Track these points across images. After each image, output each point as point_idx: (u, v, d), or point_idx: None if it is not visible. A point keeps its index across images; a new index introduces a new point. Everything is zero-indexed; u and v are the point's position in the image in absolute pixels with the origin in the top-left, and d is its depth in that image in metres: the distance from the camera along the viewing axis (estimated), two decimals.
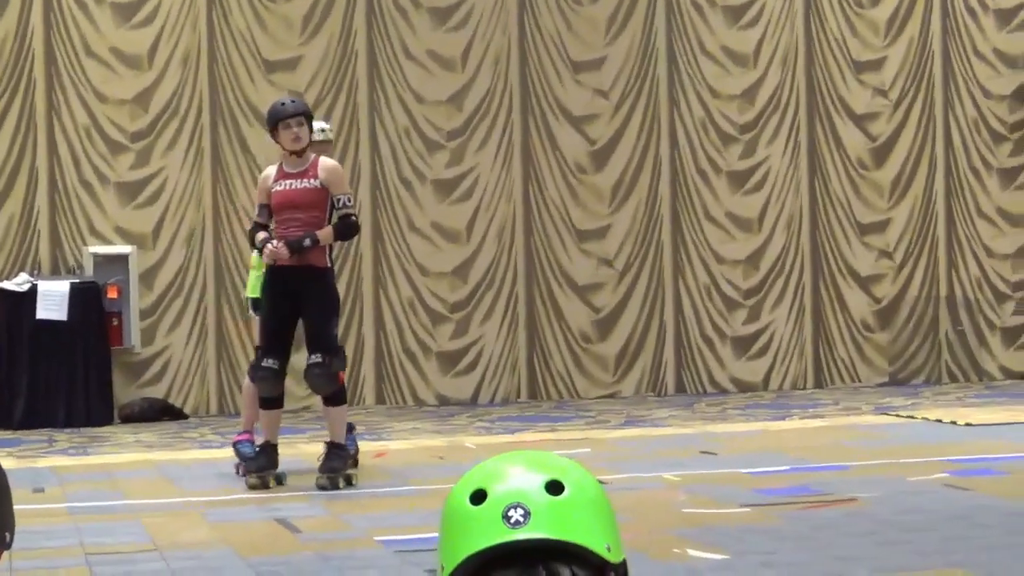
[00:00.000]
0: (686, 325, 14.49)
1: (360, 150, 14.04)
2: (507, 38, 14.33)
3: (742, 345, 14.69)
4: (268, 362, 9.13)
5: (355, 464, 9.61)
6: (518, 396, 14.30)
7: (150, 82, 13.71)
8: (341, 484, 9.15)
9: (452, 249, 14.20)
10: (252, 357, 10.01)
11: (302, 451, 10.76)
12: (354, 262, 13.99)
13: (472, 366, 14.22)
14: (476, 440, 11.47)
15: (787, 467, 9.55)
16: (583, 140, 14.29)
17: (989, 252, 15.17)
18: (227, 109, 13.80)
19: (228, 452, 11.03)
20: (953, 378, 15.05)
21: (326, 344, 9.11)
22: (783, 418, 12.48)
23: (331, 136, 10.13)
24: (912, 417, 12.13)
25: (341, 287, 13.92)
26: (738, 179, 14.67)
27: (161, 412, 13.43)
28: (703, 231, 14.59)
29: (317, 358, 9.08)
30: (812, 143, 14.85)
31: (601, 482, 2.17)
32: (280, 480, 9.31)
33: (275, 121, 9.21)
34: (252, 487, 9.14)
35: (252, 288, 9.91)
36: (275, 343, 9.18)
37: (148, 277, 13.67)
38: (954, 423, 11.61)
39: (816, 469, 9.44)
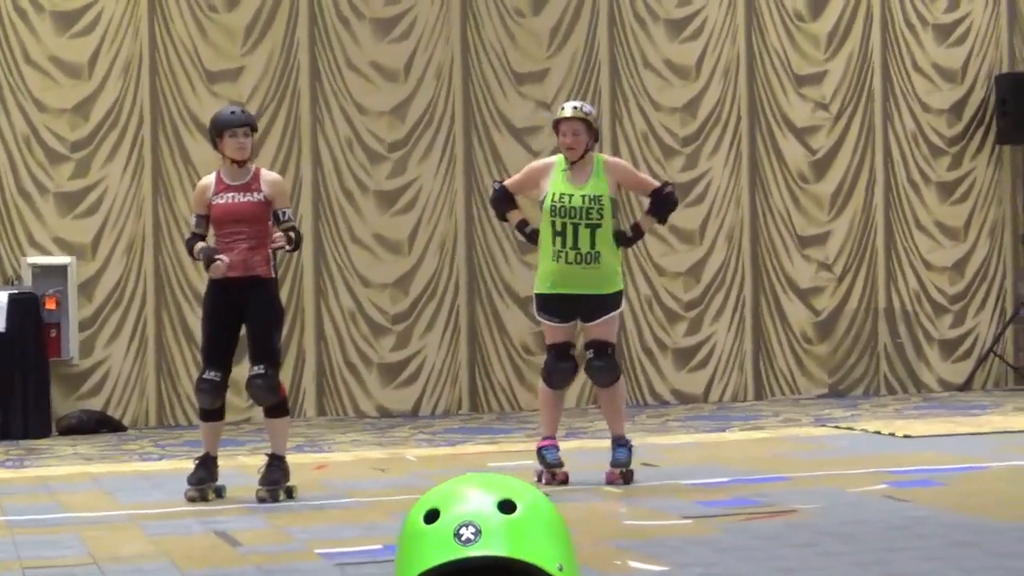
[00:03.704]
0: (627, 337, 14.52)
1: (302, 161, 14.00)
2: (450, 49, 14.34)
3: (683, 357, 14.74)
4: (210, 374, 9.09)
5: (627, 478, 9.46)
6: (459, 408, 14.29)
7: (90, 91, 13.63)
8: (281, 496, 9.12)
9: (394, 260, 14.18)
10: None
11: (242, 463, 10.71)
12: (295, 273, 13.94)
13: (413, 378, 14.20)
14: (417, 452, 11.46)
15: (728, 479, 9.58)
16: (525, 152, 14.29)
17: (927, 265, 15.29)
18: (168, 119, 13.74)
19: (167, 464, 10.99)
20: (892, 390, 15.15)
21: (269, 355, 9.08)
22: (724, 430, 12.52)
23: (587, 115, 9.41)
24: (851, 429, 12.20)
25: (282, 298, 13.89)
26: (679, 191, 14.68)
27: (99, 424, 13.34)
28: (645, 243, 14.61)
29: (260, 369, 9.04)
30: (753, 156, 14.92)
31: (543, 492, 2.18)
32: (219, 493, 9.26)
33: (221, 129, 9.15)
34: (191, 500, 9.10)
35: (538, 282, 9.49)
36: (217, 355, 9.14)
37: (87, 288, 13.58)
38: (893, 435, 11.69)
39: (757, 481, 9.47)
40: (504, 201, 9.71)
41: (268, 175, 9.28)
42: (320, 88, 14.07)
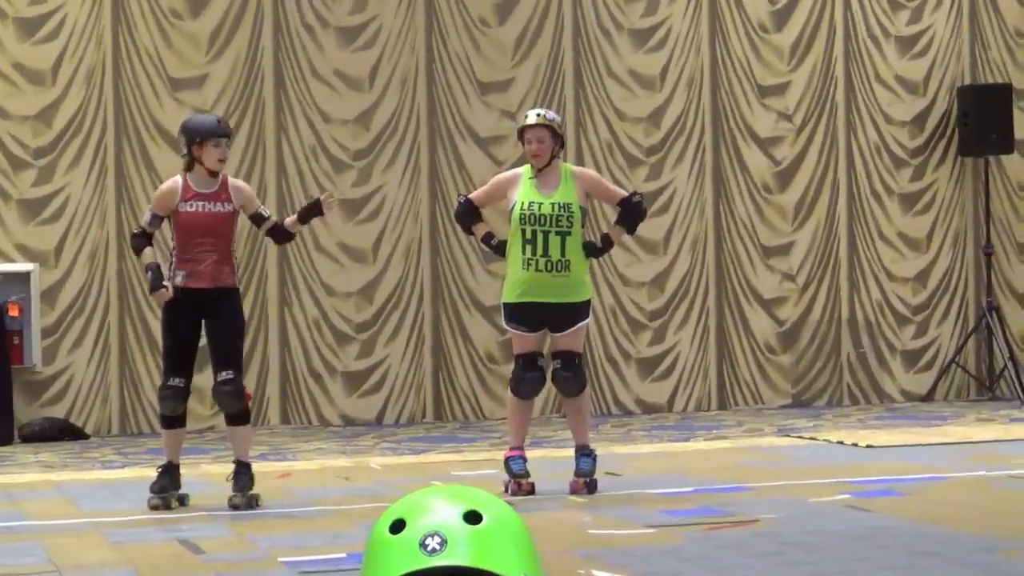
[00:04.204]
0: (591, 346, 14.54)
1: (266, 169, 13.98)
2: (415, 58, 14.34)
3: (647, 366, 14.77)
4: (174, 381, 9.09)
5: (591, 487, 9.45)
6: (423, 416, 14.29)
7: (54, 98, 13.58)
8: (254, 502, 9.13)
9: (358, 269, 14.17)
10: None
11: (205, 471, 10.69)
12: (259, 282, 13.92)
13: (378, 386, 14.19)
14: (381, 461, 11.45)
15: (691, 488, 9.60)
16: (490, 161, 14.31)
17: (890, 275, 15.35)
18: (132, 126, 13.71)
19: (130, 472, 10.96)
20: (854, 400, 15.21)
21: (236, 362, 9.10)
22: (687, 439, 12.55)
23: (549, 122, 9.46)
24: (814, 439, 12.25)
25: (247, 307, 13.86)
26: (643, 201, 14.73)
27: (62, 432, 13.29)
28: (610, 253, 14.63)
29: (228, 375, 9.04)
30: (717, 166, 14.97)
31: (508, 504, 2.20)
32: (182, 501, 9.24)
33: (205, 136, 9.09)
34: (154, 508, 9.07)
35: (507, 291, 9.49)
36: (180, 362, 9.14)
37: (50, 295, 13.53)
38: (855, 445, 11.73)
39: (720, 490, 9.50)
40: (469, 215, 9.72)
41: (235, 183, 9.30)
42: (285, 96, 14.06)
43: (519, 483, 9.41)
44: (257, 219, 9.32)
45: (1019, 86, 15.55)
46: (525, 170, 9.54)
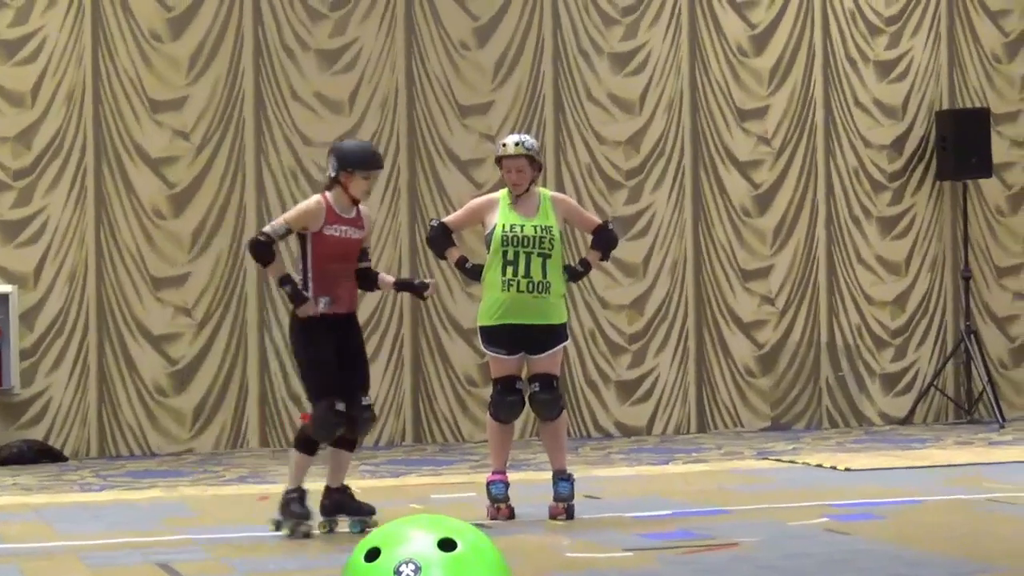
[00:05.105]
0: (571, 369, 14.56)
1: (246, 191, 13.98)
2: (395, 81, 14.36)
3: (626, 389, 14.78)
4: (341, 405, 8.88)
5: (569, 512, 9.43)
6: (403, 439, 14.28)
7: (33, 120, 13.58)
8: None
9: None
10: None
11: (183, 494, 10.64)
12: (238, 304, 13.90)
13: None
14: (361, 483, 11.42)
15: (670, 511, 9.60)
16: (469, 184, 14.33)
17: (869, 299, 15.40)
18: (112, 148, 13.70)
19: (109, 495, 10.92)
20: (833, 423, 15.24)
21: (369, 387, 9.11)
22: (666, 462, 12.55)
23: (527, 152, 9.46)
24: (793, 462, 12.26)
25: (225, 330, 13.87)
26: (623, 224, 14.77)
27: (40, 454, 13.25)
28: (588, 276, 14.64)
29: (369, 400, 9.05)
30: (696, 190, 15.01)
31: (483, 526, 2.20)
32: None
33: (363, 168, 8.96)
34: (305, 535, 8.88)
35: (484, 314, 9.46)
36: (336, 386, 8.92)
37: (29, 317, 13.50)
38: (834, 468, 11.75)
39: (698, 513, 9.50)
40: (443, 239, 9.69)
41: (366, 211, 9.11)
42: (264, 118, 14.06)
43: (498, 508, 9.41)
44: (362, 254, 9.22)
45: (997, 110, 15.63)
46: (502, 195, 9.55)
